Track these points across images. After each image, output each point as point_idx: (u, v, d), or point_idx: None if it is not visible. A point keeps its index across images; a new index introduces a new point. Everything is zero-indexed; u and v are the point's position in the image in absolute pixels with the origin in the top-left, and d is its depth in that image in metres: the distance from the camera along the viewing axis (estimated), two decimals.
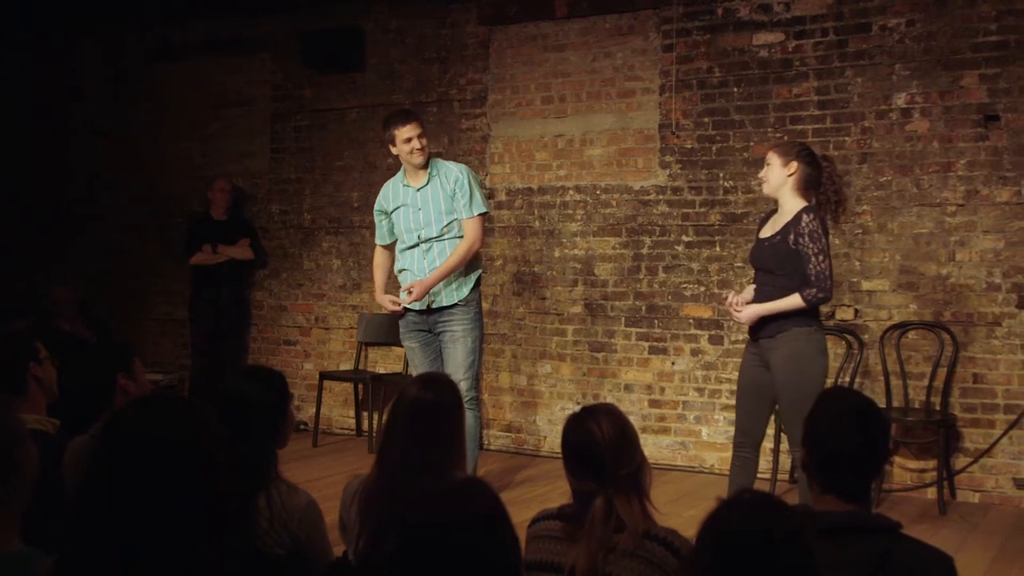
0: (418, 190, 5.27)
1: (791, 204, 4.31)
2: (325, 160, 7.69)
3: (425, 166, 5.26)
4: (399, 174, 5.41)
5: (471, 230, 5.25)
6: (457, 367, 5.19)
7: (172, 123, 8.29)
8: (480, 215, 5.28)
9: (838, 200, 4.38)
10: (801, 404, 4.19)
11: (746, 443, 4.41)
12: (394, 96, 7.36)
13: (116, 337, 7.37)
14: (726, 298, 4.51)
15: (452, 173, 5.27)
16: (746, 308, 4.33)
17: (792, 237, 4.23)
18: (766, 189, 4.43)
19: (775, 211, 4.44)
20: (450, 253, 5.20)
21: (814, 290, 4.18)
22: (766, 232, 4.41)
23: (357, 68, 7.50)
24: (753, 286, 4.50)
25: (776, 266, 4.30)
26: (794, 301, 4.20)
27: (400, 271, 5.40)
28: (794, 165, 4.30)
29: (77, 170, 8.66)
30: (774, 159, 4.36)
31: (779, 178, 4.33)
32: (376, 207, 5.48)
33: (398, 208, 5.33)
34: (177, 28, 8.16)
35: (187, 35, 8.15)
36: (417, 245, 5.28)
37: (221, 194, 7.71)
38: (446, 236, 5.25)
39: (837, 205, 4.38)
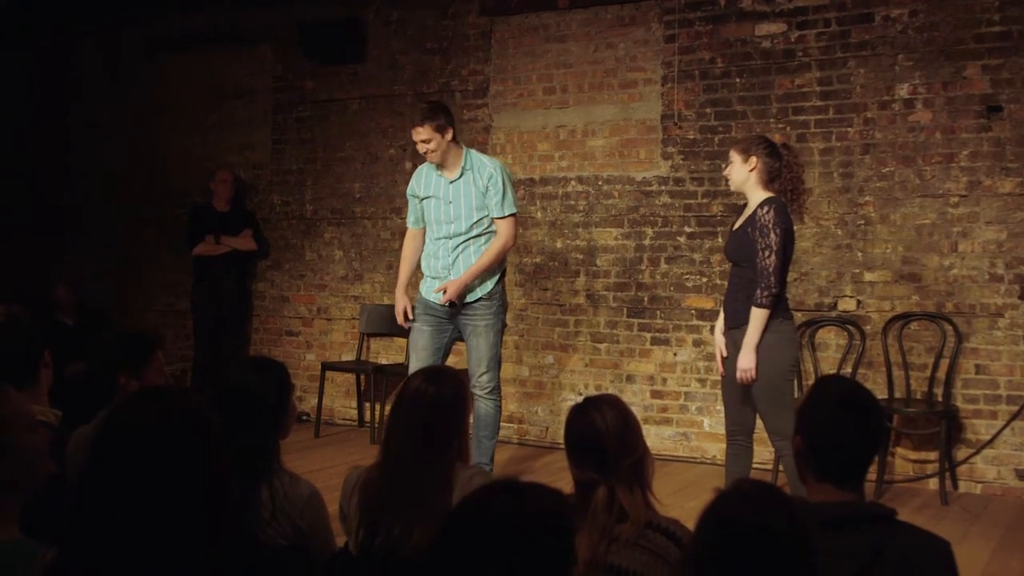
0: (451, 182, 5.16)
1: (755, 197, 4.36)
2: (327, 151, 7.68)
3: (446, 164, 5.14)
4: None
5: (504, 229, 5.15)
6: (480, 360, 5.15)
7: (173, 115, 8.28)
8: (513, 215, 5.19)
9: (794, 190, 4.38)
10: (771, 393, 4.25)
11: (738, 431, 4.46)
12: (395, 87, 7.36)
13: (116, 330, 7.35)
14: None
15: (486, 169, 5.15)
16: (740, 358, 4.26)
17: (750, 230, 4.28)
18: (732, 186, 4.50)
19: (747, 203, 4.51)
20: (478, 251, 5.12)
21: (759, 291, 4.20)
22: (736, 225, 4.46)
23: (358, 60, 7.49)
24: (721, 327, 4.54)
25: (741, 258, 4.35)
26: (757, 316, 4.22)
27: (427, 261, 5.28)
28: (754, 160, 4.34)
29: (78, 163, 8.66)
30: (735, 156, 4.41)
31: (741, 174, 4.38)
32: (409, 190, 5.37)
33: (428, 197, 5.22)
34: (177, 19, 8.15)
35: (187, 26, 8.13)
36: (448, 238, 5.16)
37: (223, 185, 7.71)
38: (475, 231, 5.15)
39: (794, 195, 4.38)
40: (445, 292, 5.06)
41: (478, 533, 1.60)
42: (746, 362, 4.24)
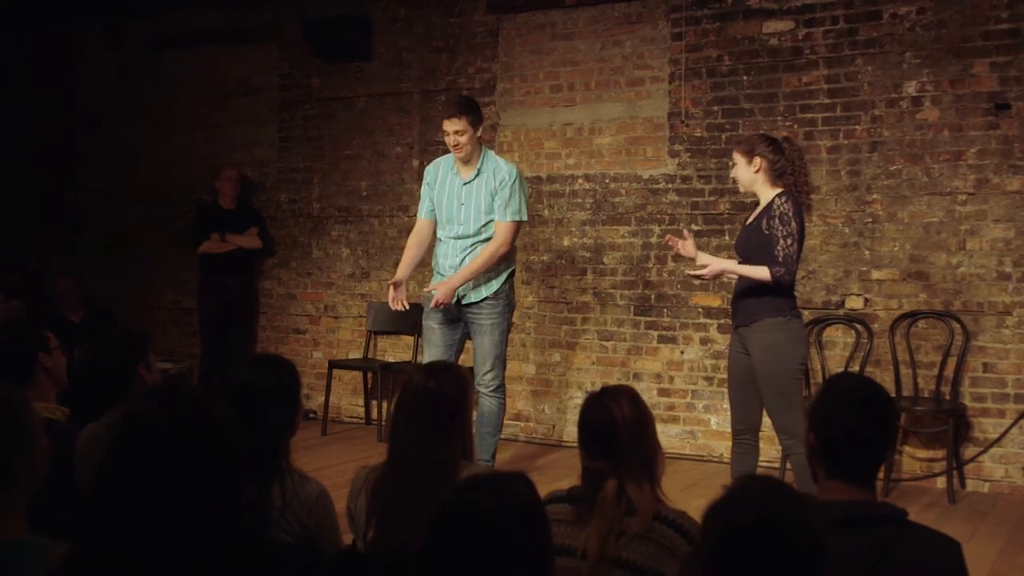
0: (465, 183, 5.18)
1: (766, 193, 4.38)
2: (333, 149, 7.69)
3: (469, 161, 5.15)
4: (452, 156, 5.28)
5: (501, 232, 5.15)
6: (485, 358, 5.19)
7: (179, 112, 8.29)
8: (514, 221, 5.18)
9: (797, 183, 4.40)
10: (778, 394, 4.25)
11: (744, 430, 4.46)
12: (402, 85, 7.36)
13: (122, 326, 7.37)
14: (670, 241, 4.60)
15: (501, 172, 5.15)
16: (712, 262, 4.41)
17: (765, 222, 4.29)
18: (741, 188, 4.54)
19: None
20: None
21: (781, 269, 4.22)
22: (749, 220, 4.48)
23: (365, 58, 7.49)
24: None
25: (753, 253, 4.35)
26: (762, 272, 4.24)
27: (437, 259, 5.32)
28: (758, 160, 4.36)
29: (84, 159, 8.67)
30: (739, 158, 4.43)
31: (747, 175, 4.41)
32: (425, 179, 5.37)
33: (442, 194, 5.25)
34: (183, 16, 8.15)
35: (193, 23, 8.13)
36: (457, 239, 5.19)
37: (229, 183, 7.71)
38: (484, 235, 5.17)
39: (799, 189, 4.39)
40: (435, 297, 5.10)
41: (458, 531, 1.63)
42: (717, 265, 4.39)
